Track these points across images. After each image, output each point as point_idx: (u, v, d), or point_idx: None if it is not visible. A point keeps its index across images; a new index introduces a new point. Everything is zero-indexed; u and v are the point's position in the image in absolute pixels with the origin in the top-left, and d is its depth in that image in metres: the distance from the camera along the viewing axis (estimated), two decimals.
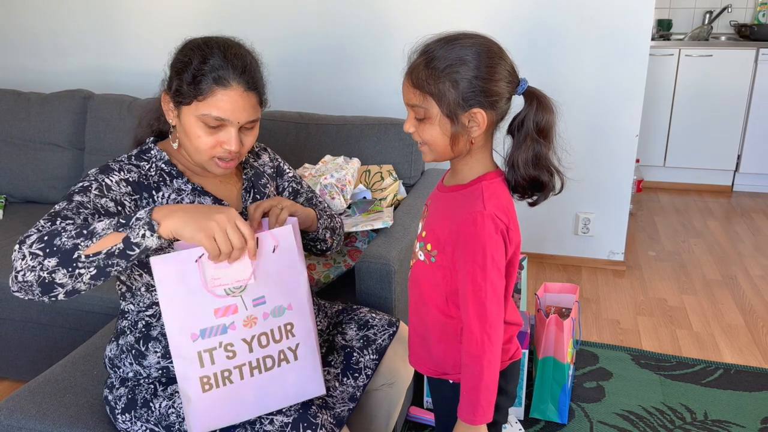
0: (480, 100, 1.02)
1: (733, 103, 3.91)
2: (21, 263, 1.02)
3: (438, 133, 1.05)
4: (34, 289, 1.03)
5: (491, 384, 1.07)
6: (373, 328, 1.46)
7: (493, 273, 1.03)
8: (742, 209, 3.84)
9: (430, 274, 1.13)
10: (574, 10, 2.64)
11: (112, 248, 1.02)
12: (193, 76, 1.17)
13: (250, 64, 1.22)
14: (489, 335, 1.05)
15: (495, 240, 1.03)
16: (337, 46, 2.86)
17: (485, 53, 1.02)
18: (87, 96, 2.61)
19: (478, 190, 1.07)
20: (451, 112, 1.02)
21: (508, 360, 1.15)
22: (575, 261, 3.03)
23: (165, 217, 1.03)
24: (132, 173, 1.23)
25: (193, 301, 1.09)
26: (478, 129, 1.04)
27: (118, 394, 1.28)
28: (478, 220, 1.03)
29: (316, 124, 2.32)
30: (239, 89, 1.18)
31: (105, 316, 1.95)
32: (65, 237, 1.02)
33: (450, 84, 1.01)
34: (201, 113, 1.18)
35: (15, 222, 2.46)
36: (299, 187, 1.51)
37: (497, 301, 1.05)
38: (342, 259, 1.93)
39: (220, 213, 1.04)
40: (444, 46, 1.03)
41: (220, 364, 1.12)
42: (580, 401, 2.04)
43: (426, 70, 1.03)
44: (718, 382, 2.14)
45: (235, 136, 1.21)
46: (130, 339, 1.28)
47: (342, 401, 1.31)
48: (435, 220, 1.12)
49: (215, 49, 1.19)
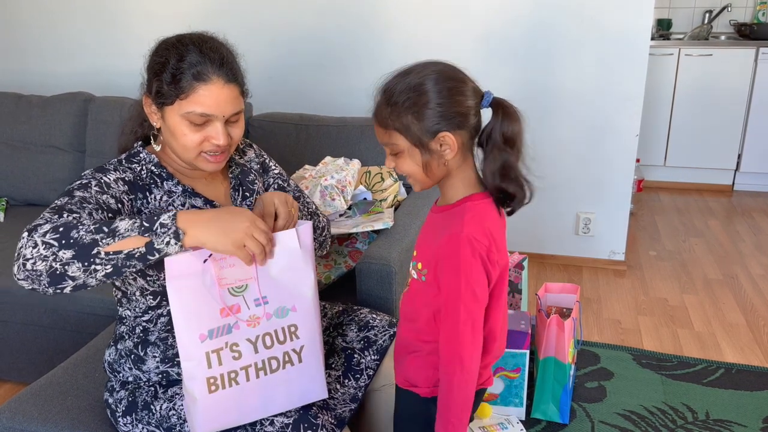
0: (445, 123, 1.04)
1: (733, 102, 3.91)
2: (32, 251, 1.00)
3: (414, 164, 1.08)
4: (42, 279, 1.00)
5: (462, 403, 1.08)
6: (373, 329, 1.46)
7: (467, 296, 1.04)
8: (742, 208, 3.84)
9: (423, 292, 1.14)
10: (574, 9, 2.64)
11: (134, 250, 1.02)
12: (172, 75, 1.15)
13: (227, 56, 1.20)
14: (460, 357, 1.06)
15: (470, 263, 1.04)
16: (337, 47, 2.86)
17: (442, 78, 1.05)
18: (88, 98, 2.62)
19: (461, 212, 1.08)
20: (419, 142, 1.05)
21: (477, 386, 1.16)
22: (576, 261, 3.03)
23: (190, 226, 1.04)
24: (127, 173, 1.23)
25: (202, 301, 1.10)
26: (450, 152, 1.06)
27: (119, 397, 1.29)
28: (453, 242, 1.04)
29: (317, 126, 2.33)
30: (220, 82, 1.17)
31: (106, 318, 1.95)
32: (83, 231, 1.01)
33: (412, 116, 1.04)
34: (185, 111, 1.16)
35: (16, 224, 2.46)
36: (285, 185, 1.49)
37: (471, 324, 1.06)
38: (342, 260, 1.93)
39: (242, 220, 1.07)
40: (401, 80, 1.06)
41: (227, 365, 1.13)
42: (582, 401, 2.04)
43: (387, 108, 1.06)
44: (720, 382, 2.14)
45: (222, 130, 1.19)
46: (129, 344, 1.28)
47: (343, 402, 1.31)
48: (424, 240, 1.15)
49: (190, 46, 1.17)
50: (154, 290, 1.24)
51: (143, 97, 1.24)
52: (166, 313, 1.26)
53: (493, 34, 2.73)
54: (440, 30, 2.74)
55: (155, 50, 1.22)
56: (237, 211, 1.09)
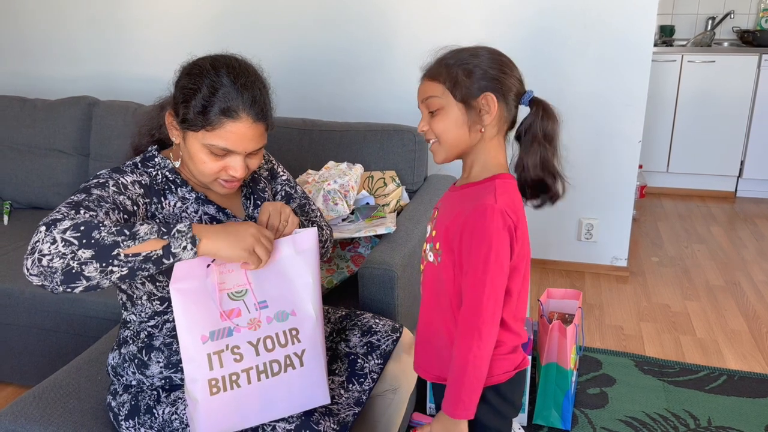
0: (493, 85, 1.08)
1: (736, 108, 3.91)
2: (50, 247, 0.98)
3: (451, 122, 1.09)
4: (56, 277, 0.99)
5: (475, 381, 1.06)
6: (376, 334, 1.46)
7: (495, 268, 1.04)
8: (745, 215, 3.83)
9: (438, 275, 1.14)
10: (577, 15, 2.65)
11: (151, 253, 1.03)
12: (202, 106, 1.15)
13: (260, 94, 1.20)
14: (479, 330, 1.04)
15: (501, 235, 1.04)
16: (340, 52, 2.87)
17: (496, 53, 1.11)
18: (92, 102, 2.63)
19: (491, 187, 1.09)
20: (464, 98, 1.08)
21: (513, 370, 1.15)
22: (578, 267, 3.03)
23: (204, 235, 1.07)
24: (143, 177, 1.23)
25: (203, 304, 1.12)
26: (489, 116, 1.08)
27: (122, 401, 1.29)
28: (488, 213, 1.04)
29: (320, 131, 2.33)
30: (248, 121, 1.17)
31: (109, 321, 1.95)
32: (104, 231, 1.01)
33: (463, 72, 1.08)
34: (208, 142, 1.17)
35: (20, 228, 2.47)
36: (293, 192, 1.50)
37: (494, 298, 1.05)
38: (345, 265, 1.93)
39: (249, 228, 1.12)
40: (456, 51, 1.12)
41: (229, 367, 1.14)
42: (584, 407, 2.03)
43: (440, 66, 1.11)
44: (722, 389, 2.13)
45: (241, 163, 1.20)
46: (133, 349, 1.29)
47: (347, 407, 1.31)
48: (446, 218, 1.13)
49: (224, 78, 1.16)
50: (162, 296, 1.25)
51: (167, 113, 1.23)
52: (172, 318, 1.26)
53: (496, 40, 2.73)
54: (444, 36, 2.75)
55: (188, 73, 1.20)
56: (242, 222, 1.12)
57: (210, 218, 1.29)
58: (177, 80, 1.22)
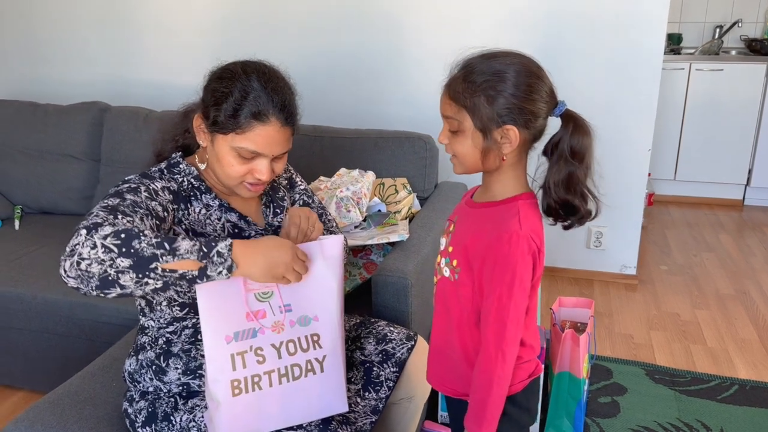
0: (514, 117, 1.03)
1: (744, 116, 3.91)
2: (90, 252, 0.98)
3: (470, 146, 1.06)
4: (92, 282, 0.99)
5: (498, 399, 1.08)
6: (391, 342, 1.46)
7: (519, 293, 1.04)
8: (753, 223, 3.82)
9: (455, 291, 1.13)
10: (586, 23, 2.65)
11: (187, 272, 1.03)
12: (234, 109, 1.17)
13: (289, 99, 1.22)
14: (504, 353, 1.06)
15: (526, 261, 1.04)
16: (351, 59, 2.88)
17: (524, 72, 1.03)
18: (104, 108, 2.64)
19: (514, 209, 1.07)
20: (484, 127, 1.03)
21: (528, 378, 1.15)
22: (587, 275, 3.02)
23: (242, 260, 1.07)
24: (171, 183, 1.24)
25: (229, 304, 1.13)
26: (509, 146, 1.05)
27: (138, 408, 1.29)
28: (513, 240, 1.03)
29: (331, 137, 2.34)
30: (277, 125, 1.19)
31: (121, 327, 1.95)
32: (144, 242, 1.00)
33: (485, 99, 1.02)
34: (237, 145, 1.19)
35: (31, 233, 2.48)
36: (310, 201, 1.51)
37: (517, 321, 1.06)
38: (357, 272, 1.93)
39: (286, 253, 1.11)
40: (484, 61, 1.05)
41: (251, 368, 1.14)
42: (595, 416, 2.03)
43: (463, 84, 1.04)
44: (734, 398, 2.12)
45: (267, 166, 1.22)
46: (151, 355, 1.29)
47: (364, 415, 1.31)
48: (463, 236, 1.12)
49: (255, 82, 1.18)
50: (182, 302, 1.25)
51: (195, 116, 1.24)
52: (192, 324, 1.26)
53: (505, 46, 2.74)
54: (454, 43, 2.74)
55: (219, 76, 1.22)
56: (280, 244, 1.12)
57: (232, 225, 1.30)
58: (207, 84, 1.23)
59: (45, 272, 2.12)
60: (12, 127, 2.68)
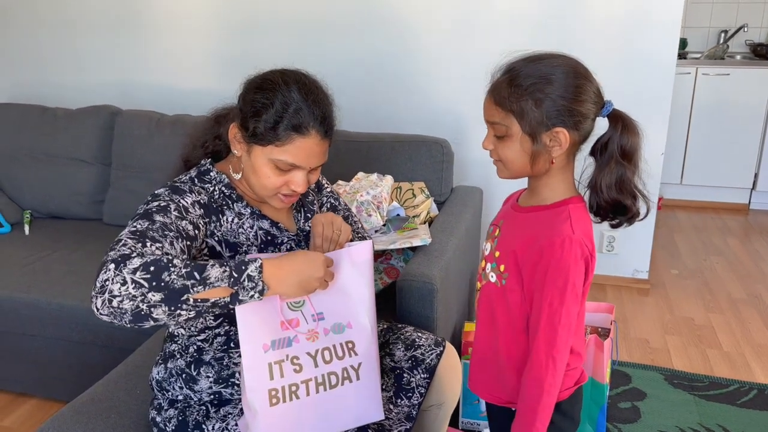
0: (564, 119, 1.01)
1: (750, 121, 3.92)
2: (121, 289, 0.95)
3: (518, 151, 1.04)
4: (125, 317, 0.97)
5: (548, 408, 1.07)
6: (420, 348, 1.44)
7: (571, 299, 1.02)
8: (760, 227, 3.83)
9: (502, 297, 1.11)
10: (599, 28, 2.65)
11: (219, 300, 1.01)
12: (274, 121, 1.14)
13: (328, 110, 1.20)
14: (554, 360, 1.04)
15: (579, 266, 1.02)
16: (366, 62, 2.86)
17: (571, 73, 1.02)
18: (114, 112, 2.61)
19: (565, 213, 1.05)
20: (533, 131, 1.02)
21: (573, 386, 1.14)
22: (600, 279, 3.01)
23: (274, 281, 1.05)
24: (202, 195, 1.21)
25: (265, 312, 1.11)
26: (559, 149, 1.03)
27: (168, 416, 1.26)
28: (566, 244, 1.01)
29: (347, 141, 2.32)
30: (317, 138, 1.17)
31: (137, 334, 1.92)
32: (174, 274, 0.97)
33: (533, 102, 1.00)
34: (275, 157, 1.16)
35: (41, 237, 2.44)
36: (337, 204, 1.50)
37: (569, 327, 1.04)
38: (378, 277, 1.92)
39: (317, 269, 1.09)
40: (529, 64, 1.03)
41: (289, 377, 1.12)
42: (617, 422, 2.01)
43: (509, 88, 1.02)
44: (754, 403, 2.11)
45: (303, 179, 1.20)
46: (181, 363, 1.26)
47: (398, 422, 1.29)
48: (511, 241, 1.10)
49: (295, 94, 1.15)
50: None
51: (232, 125, 1.21)
52: (224, 332, 1.24)
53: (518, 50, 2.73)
54: (465, 48, 2.74)
55: (258, 87, 1.18)
56: (310, 259, 1.10)
57: (264, 233, 1.27)
58: (244, 94, 1.20)
59: (59, 278, 2.09)
60: (21, 131, 2.66)
